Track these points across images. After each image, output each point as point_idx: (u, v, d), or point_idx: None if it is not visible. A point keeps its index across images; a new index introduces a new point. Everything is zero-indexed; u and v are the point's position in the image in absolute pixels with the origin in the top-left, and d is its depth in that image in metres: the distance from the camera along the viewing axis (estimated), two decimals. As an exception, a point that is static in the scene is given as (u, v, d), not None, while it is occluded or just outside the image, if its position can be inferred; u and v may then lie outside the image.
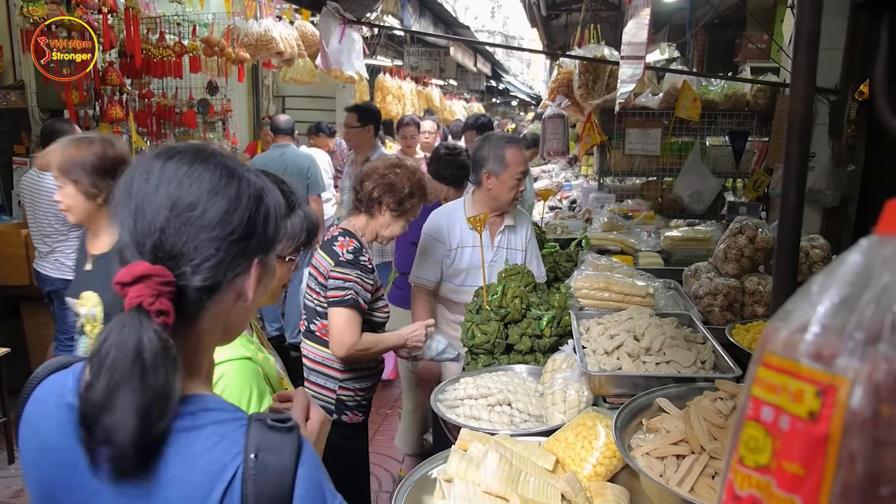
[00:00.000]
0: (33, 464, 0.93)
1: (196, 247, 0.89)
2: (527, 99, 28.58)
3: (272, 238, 0.99)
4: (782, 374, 0.51)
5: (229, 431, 0.88)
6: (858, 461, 0.47)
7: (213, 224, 0.90)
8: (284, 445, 0.88)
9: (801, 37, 0.93)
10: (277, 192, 1.03)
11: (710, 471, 1.44)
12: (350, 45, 4.58)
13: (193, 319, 0.91)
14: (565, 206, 6.08)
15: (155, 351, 0.82)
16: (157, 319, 0.83)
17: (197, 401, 0.91)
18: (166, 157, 0.93)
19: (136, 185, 0.91)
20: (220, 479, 0.84)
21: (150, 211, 0.89)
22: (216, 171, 0.93)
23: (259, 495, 0.84)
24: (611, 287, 2.53)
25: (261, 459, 0.85)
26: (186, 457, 0.85)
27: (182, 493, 0.84)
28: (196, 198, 0.90)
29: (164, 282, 0.85)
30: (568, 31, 9.13)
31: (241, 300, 0.96)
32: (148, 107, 6.54)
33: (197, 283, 0.89)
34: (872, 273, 0.49)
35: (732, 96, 5.01)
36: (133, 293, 0.83)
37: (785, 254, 1.00)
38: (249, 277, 0.96)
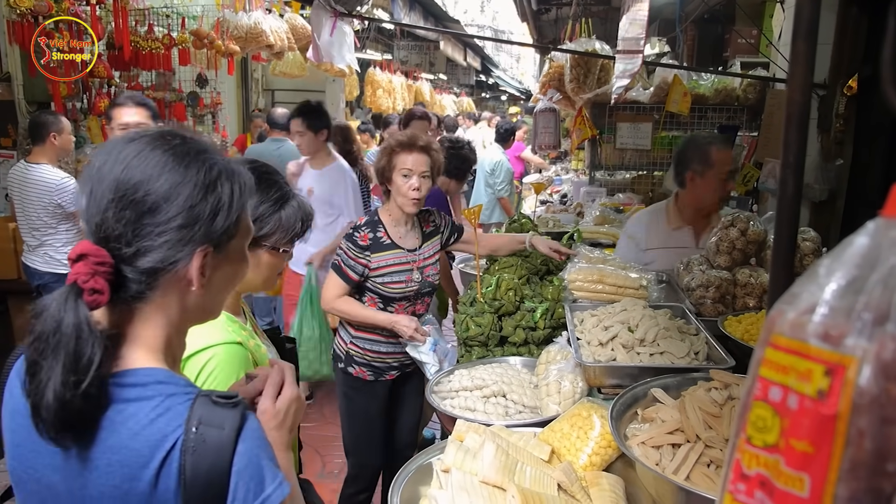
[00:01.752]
0: (8, 427, 0.98)
1: (135, 230, 0.91)
2: (516, 93, 28.61)
3: (222, 229, 0.97)
4: (791, 355, 0.52)
5: (175, 404, 0.91)
6: (867, 438, 0.48)
7: (152, 209, 0.91)
8: (226, 420, 0.90)
9: (801, 26, 0.94)
10: (244, 184, 1.01)
11: (705, 459, 1.46)
12: (341, 38, 4.57)
13: (139, 299, 0.94)
14: (556, 199, 6.10)
15: (76, 325, 0.86)
16: (90, 297, 0.87)
17: (149, 373, 0.93)
18: (128, 141, 0.95)
19: (95, 166, 0.94)
20: (160, 448, 0.88)
21: (99, 192, 0.92)
22: (166, 155, 0.94)
23: (196, 466, 0.87)
24: (604, 279, 2.54)
25: (200, 432, 0.88)
26: (132, 425, 0.89)
27: (123, 458, 0.88)
28: (139, 181, 0.91)
29: (100, 262, 0.88)
30: (558, 25, 9.14)
31: (189, 287, 0.97)
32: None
33: (135, 265, 0.91)
34: (880, 255, 0.50)
35: (722, 91, 5.05)
36: (73, 270, 0.88)
37: (783, 241, 1.01)
38: (191, 265, 0.95)
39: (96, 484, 0.90)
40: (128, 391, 0.91)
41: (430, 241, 2.86)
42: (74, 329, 0.86)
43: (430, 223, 2.90)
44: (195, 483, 0.88)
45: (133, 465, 0.88)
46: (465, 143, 4.11)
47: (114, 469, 0.89)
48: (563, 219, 4.62)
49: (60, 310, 0.86)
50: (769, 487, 0.53)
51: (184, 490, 0.88)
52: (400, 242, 2.74)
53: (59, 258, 4.36)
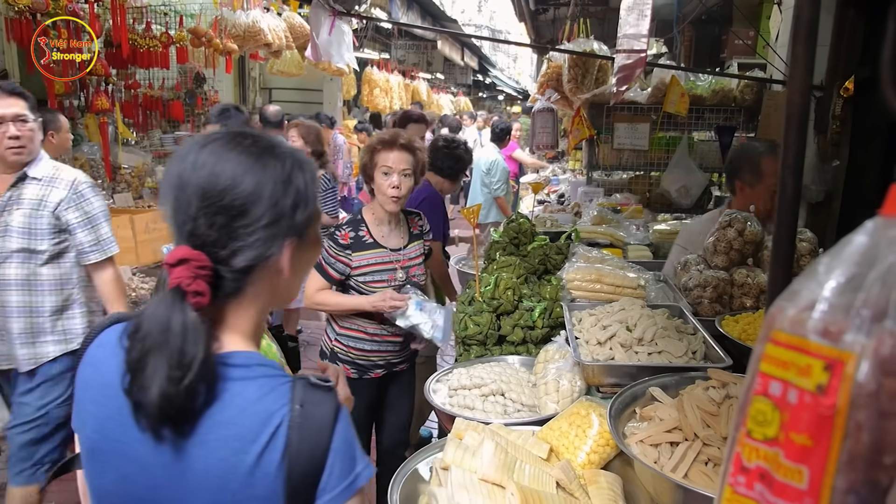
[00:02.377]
0: (93, 400, 1.01)
1: (228, 233, 0.96)
2: (513, 93, 28.63)
3: (304, 218, 1.02)
4: (791, 350, 0.53)
5: (277, 385, 0.97)
6: (865, 432, 0.49)
7: (241, 212, 0.96)
8: (326, 401, 0.97)
9: (800, 28, 0.95)
10: (313, 171, 1.07)
11: (703, 457, 1.47)
12: (340, 37, 4.57)
13: (234, 295, 1.00)
14: (554, 199, 6.11)
15: (182, 325, 0.91)
16: (193, 300, 0.93)
17: (250, 356, 1.00)
18: (202, 146, 1.00)
19: (174, 172, 0.99)
20: (268, 424, 0.93)
21: (185, 199, 0.97)
22: (242, 157, 0.98)
23: (302, 441, 0.93)
24: (602, 279, 2.55)
25: (306, 409, 0.95)
26: (240, 403, 0.94)
27: (233, 433, 0.93)
28: (224, 187, 0.96)
29: (201, 266, 0.94)
30: (555, 25, 9.16)
31: (280, 276, 1.03)
32: (134, 97, 6.48)
33: (231, 266, 0.97)
34: (878, 253, 0.52)
35: (720, 92, 5.06)
36: (174, 274, 0.93)
37: (782, 241, 1.03)
38: (282, 257, 1.01)
39: (202, 457, 0.94)
40: (233, 371, 0.96)
41: (416, 243, 2.86)
42: (182, 329, 0.91)
43: (418, 226, 2.90)
44: (299, 458, 0.93)
45: (243, 439, 0.93)
46: (460, 142, 4.10)
47: (222, 443, 0.93)
48: (560, 218, 4.63)
49: (168, 312, 0.92)
50: (769, 480, 0.54)
51: (288, 464, 0.93)
52: (382, 241, 2.75)
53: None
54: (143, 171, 5.91)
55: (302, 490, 0.94)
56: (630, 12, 2.85)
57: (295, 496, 0.94)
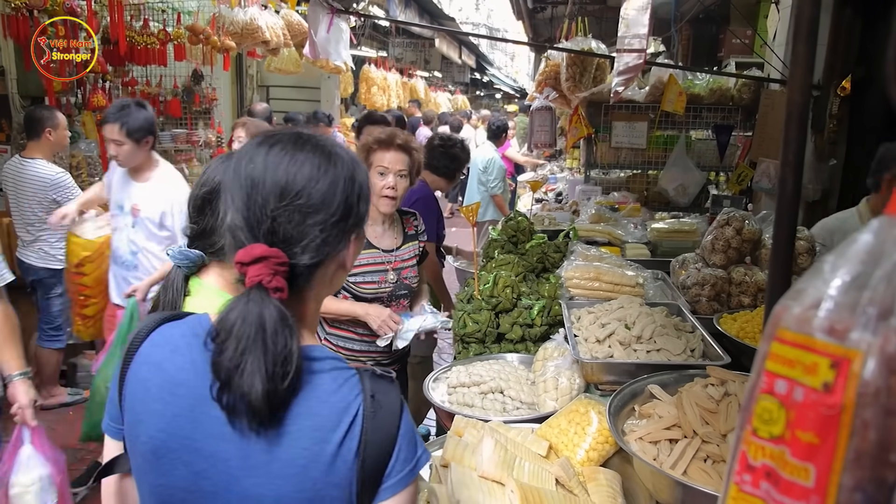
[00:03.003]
0: (157, 398, 1.02)
1: (303, 231, 1.00)
2: (511, 91, 28.63)
3: (365, 212, 1.09)
4: (797, 349, 0.54)
5: (349, 376, 1.02)
6: (871, 429, 0.49)
7: (316, 209, 1.01)
8: (392, 391, 1.03)
9: (801, 27, 0.95)
10: (364, 167, 1.11)
11: (702, 454, 1.48)
12: (338, 34, 4.56)
13: (303, 290, 1.04)
14: (551, 198, 6.11)
15: (275, 321, 0.94)
16: (275, 295, 0.96)
17: (320, 350, 1.05)
18: (269, 145, 1.03)
19: (244, 172, 1.02)
20: (347, 413, 0.98)
21: (261, 198, 0.99)
22: (315, 159, 1.03)
23: (375, 430, 0.98)
24: (601, 277, 2.56)
25: (377, 400, 1.00)
26: (319, 395, 0.99)
27: (315, 423, 0.98)
28: (301, 186, 1.00)
29: (280, 262, 0.97)
30: (553, 23, 9.15)
31: (341, 269, 1.09)
32: (132, 95, 6.45)
33: (305, 262, 1.01)
34: (884, 251, 0.52)
35: (717, 90, 5.07)
36: (252, 272, 0.95)
37: (782, 237, 1.03)
38: (349, 250, 1.07)
39: (286, 447, 0.97)
40: (310, 364, 1.00)
41: (410, 244, 2.81)
42: (277, 325, 0.94)
43: (413, 227, 2.85)
44: (373, 445, 0.98)
45: (324, 428, 0.97)
46: (456, 141, 4.08)
47: (305, 433, 0.97)
48: (558, 217, 4.63)
49: (259, 309, 0.94)
50: (775, 478, 0.54)
51: (364, 451, 0.98)
52: (375, 242, 2.70)
53: (54, 253, 4.34)
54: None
55: (372, 476, 0.99)
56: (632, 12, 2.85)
57: (366, 482, 0.99)
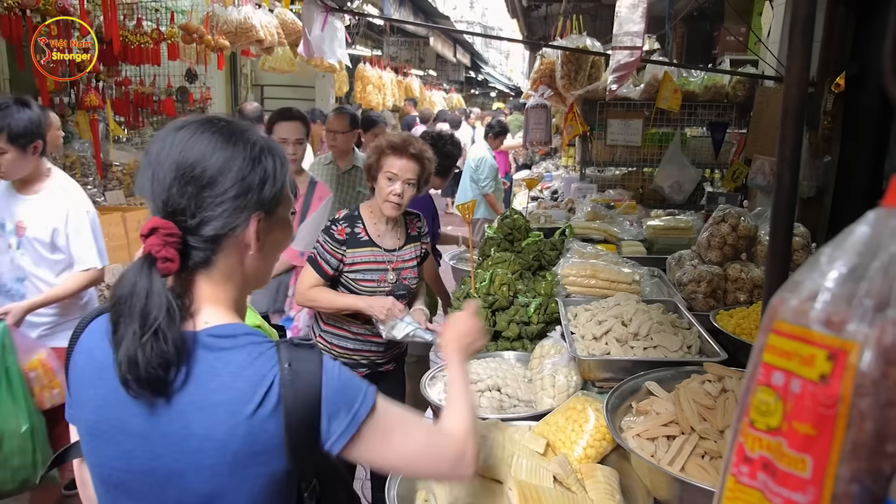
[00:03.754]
0: (90, 383, 1.09)
1: (196, 203, 1.04)
2: (505, 90, 28.62)
3: (271, 196, 1.10)
4: (794, 341, 0.54)
5: (264, 350, 1.06)
6: (868, 420, 0.49)
7: (209, 183, 1.04)
8: (311, 357, 1.07)
9: (797, 22, 0.95)
10: (283, 158, 1.15)
11: (699, 450, 1.48)
12: (332, 33, 4.56)
13: (205, 265, 1.08)
14: (547, 195, 6.12)
15: (147, 288, 0.99)
16: (162, 265, 1.01)
17: (236, 327, 1.08)
18: (178, 128, 1.09)
19: (153, 152, 1.07)
20: (261, 385, 1.02)
21: (161, 173, 1.05)
22: (215, 136, 1.07)
23: (296, 396, 1.02)
24: (597, 274, 2.56)
25: (294, 368, 1.04)
26: (232, 369, 1.03)
27: (229, 397, 1.01)
28: (195, 160, 1.04)
29: (169, 233, 1.01)
30: (548, 22, 9.15)
31: (247, 251, 1.11)
32: (125, 94, 6.43)
33: (199, 234, 1.05)
34: (881, 243, 0.52)
35: (712, 88, 5.08)
36: (147, 243, 1.01)
37: (779, 233, 1.03)
38: (249, 230, 1.08)
39: (202, 423, 1.01)
40: (223, 341, 1.05)
41: (412, 245, 2.81)
42: (145, 291, 0.99)
43: (416, 228, 2.85)
44: (294, 412, 1.02)
45: (238, 401, 1.01)
46: (447, 138, 4.07)
47: (220, 407, 1.01)
48: (554, 215, 4.63)
49: (136, 277, 1.00)
50: (772, 469, 0.54)
51: (285, 419, 1.02)
52: (378, 241, 2.70)
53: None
54: (135, 169, 5.86)
55: (302, 439, 1.03)
56: (628, 9, 2.85)
57: (296, 445, 1.03)
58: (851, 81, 3.67)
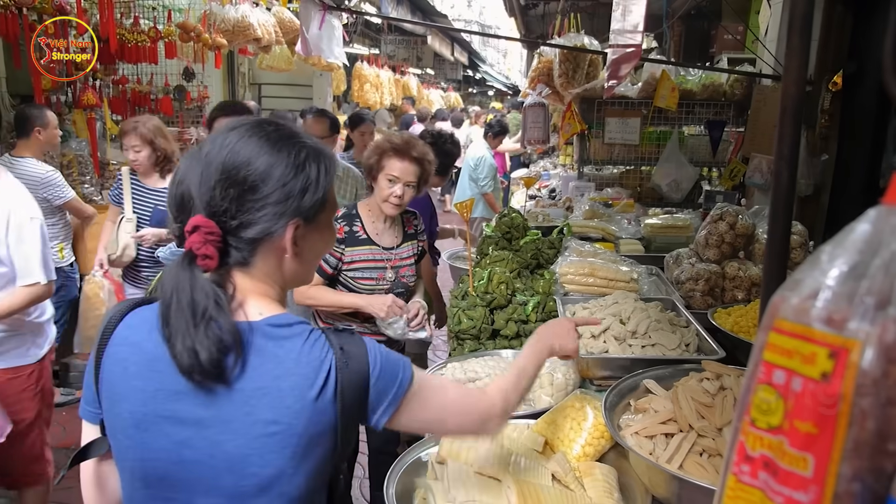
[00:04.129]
0: (137, 375, 1.09)
1: (238, 205, 1.06)
2: (503, 89, 28.61)
3: (311, 203, 1.11)
4: (795, 339, 0.54)
5: (317, 336, 1.11)
6: (869, 418, 0.49)
7: (252, 187, 1.07)
8: (356, 340, 1.13)
9: (795, 21, 0.95)
10: (329, 164, 1.15)
11: (698, 448, 1.48)
12: (330, 31, 4.55)
13: (244, 265, 1.11)
14: (545, 194, 6.12)
15: (191, 280, 1.03)
16: (202, 262, 1.05)
17: (289, 317, 1.12)
18: (229, 129, 1.12)
19: (203, 151, 1.10)
20: (321, 369, 1.07)
21: (207, 174, 1.07)
22: (262, 140, 1.09)
23: (350, 377, 1.08)
24: (596, 272, 2.56)
25: (346, 350, 1.10)
26: (294, 356, 1.07)
27: (293, 383, 1.05)
28: (240, 163, 1.07)
29: (210, 232, 1.05)
30: (545, 20, 9.15)
31: (283, 255, 1.13)
32: (122, 93, 6.42)
33: (239, 237, 1.08)
34: (882, 241, 0.52)
35: (710, 86, 5.08)
36: (189, 240, 1.05)
37: (778, 231, 1.03)
38: (286, 236, 1.10)
39: (269, 408, 1.05)
40: (281, 330, 1.09)
41: (409, 243, 2.81)
42: (190, 283, 1.03)
43: (413, 226, 2.85)
44: (348, 392, 1.08)
45: (302, 386, 1.05)
46: (447, 136, 4.07)
47: (285, 392, 1.05)
48: (552, 213, 4.63)
49: (178, 272, 1.04)
50: (773, 468, 0.54)
51: (341, 399, 1.07)
52: (376, 239, 2.70)
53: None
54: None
55: (353, 417, 1.10)
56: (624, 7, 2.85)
57: (347, 425, 1.09)
58: (849, 80, 3.67)
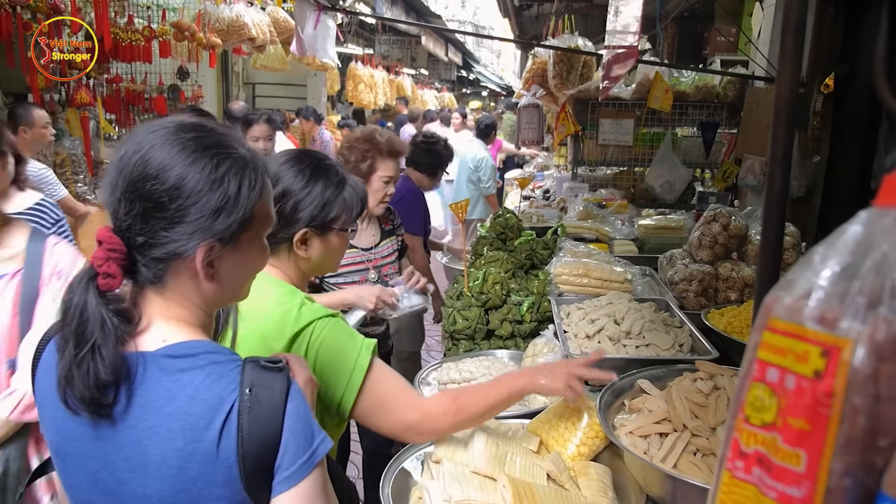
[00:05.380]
0: (51, 403, 1.01)
1: (142, 222, 0.95)
2: (497, 89, 28.64)
3: (227, 224, 0.97)
4: (788, 337, 0.55)
5: (227, 371, 0.96)
6: (860, 415, 0.50)
7: (158, 204, 0.95)
8: (276, 382, 0.96)
9: (789, 24, 0.97)
10: (257, 178, 1.01)
11: (692, 447, 1.49)
12: (325, 31, 4.56)
13: (155, 284, 1.00)
14: (539, 195, 6.14)
15: (84, 307, 0.93)
16: (103, 281, 0.94)
17: (196, 345, 0.99)
18: (149, 131, 0.99)
19: (119, 154, 0.99)
20: (220, 410, 0.93)
21: (116, 181, 0.96)
22: (176, 148, 0.96)
23: (252, 425, 0.93)
24: (590, 273, 2.57)
25: (254, 394, 0.94)
26: (189, 392, 0.94)
27: (185, 423, 0.93)
28: (148, 175, 0.95)
29: (112, 248, 0.95)
30: (539, 21, 9.17)
31: (197, 277, 0.99)
32: (116, 92, 6.40)
33: (144, 254, 0.97)
34: (873, 242, 0.53)
35: (703, 88, 5.11)
36: (93, 254, 0.95)
37: (771, 233, 1.04)
38: (196, 258, 0.97)
39: (158, 449, 0.94)
40: (180, 362, 0.96)
41: (388, 240, 2.80)
42: (80, 308, 0.93)
43: (390, 221, 2.84)
44: (251, 440, 0.93)
45: (195, 427, 0.93)
46: (440, 138, 4.09)
47: (177, 433, 0.93)
48: (546, 214, 4.65)
49: (73, 292, 0.95)
50: (767, 464, 0.55)
51: (241, 447, 0.93)
52: (354, 241, 2.67)
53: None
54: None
55: (258, 471, 0.94)
56: (619, 8, 2.87)
57: (252, 478, 0.94)
58: (841, 82, 3.70)
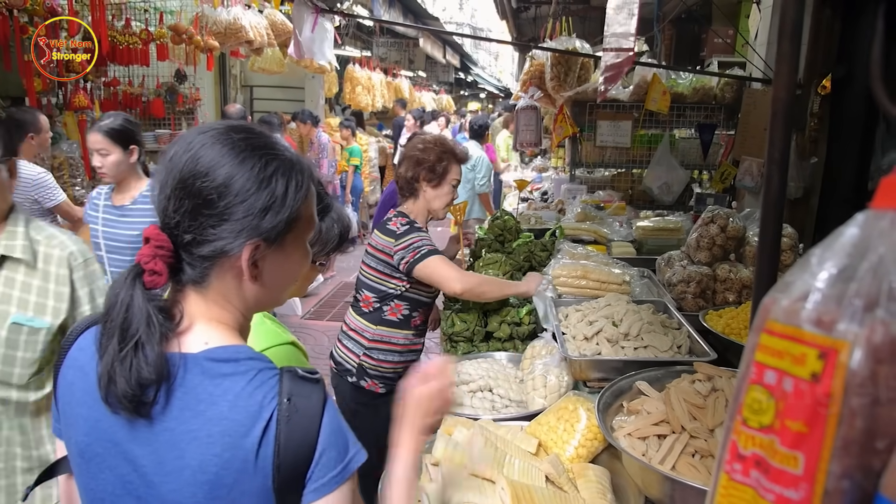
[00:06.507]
0: (81, 402, 1.01)
1: (191, 220, 0.96)
2: (495, 91, 28.65)
3: (273, 224, 0.98)
4: (785, 340, 0.55)
5: (267, 378, 0.97)
6: (858, 417, 0.50)
7: (207, 201, 0.96)
8: (313, 393, 0.97)
9: (786, 26, 0.97)
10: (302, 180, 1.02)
11: (690, 449, 1.49)
12: (322, 34, 4.55)
13: (198, 284, 1.00)
14: (537, 196, 6.14)
15: (130, 303, 0.94)
16: (148, 278, 0.95)
17: (239, 350, 1.00)
18: (198, 132, 1.01)
19: (168, 155, 1.00)
20: (260, 418, 0.93)
21: (167, 180, 0.98)
22: (224, 150, 0.97)
23: (290, 435, 0.93)
24: (588, 275, 2.57)
25: (293, 403, 0.94)
26: (231, 398, 0.94)
27: (225, 428, 0.93)
28: (199, 172, 0.96)
29: (160, 245, 0.95)
30: (537, 23, 9.19)
31: (241, 277, 1.00)
32: (114, 95, 6.40)
33: (192, 253, 0.97)
34: (870, 244, 0.53)
35: (700, 89, 5.12)
36: (140, 252, 0.96)
37: (768, 234, 1.05)
38: (242, 257, 0.98)
39: (196, 454, 0.93)
40: (223, 366, 0.96)
41: None
42: (126, 304, 0.94)
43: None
44: (287, 450, 0.93)
45: (235, 434, 0.92)
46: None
47: (215, 439, 0.93)
48: (544, 216, 4.65)
49: (120, 288, 0.95)
50: (765, 466, 0.55)
51: (277, 457, 0.93)
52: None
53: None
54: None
55: (291, 481, 0.94)
56: (618, 11, 2.87)
57: (284, 487, 0.94)
58: (837, 84, 3.71)
